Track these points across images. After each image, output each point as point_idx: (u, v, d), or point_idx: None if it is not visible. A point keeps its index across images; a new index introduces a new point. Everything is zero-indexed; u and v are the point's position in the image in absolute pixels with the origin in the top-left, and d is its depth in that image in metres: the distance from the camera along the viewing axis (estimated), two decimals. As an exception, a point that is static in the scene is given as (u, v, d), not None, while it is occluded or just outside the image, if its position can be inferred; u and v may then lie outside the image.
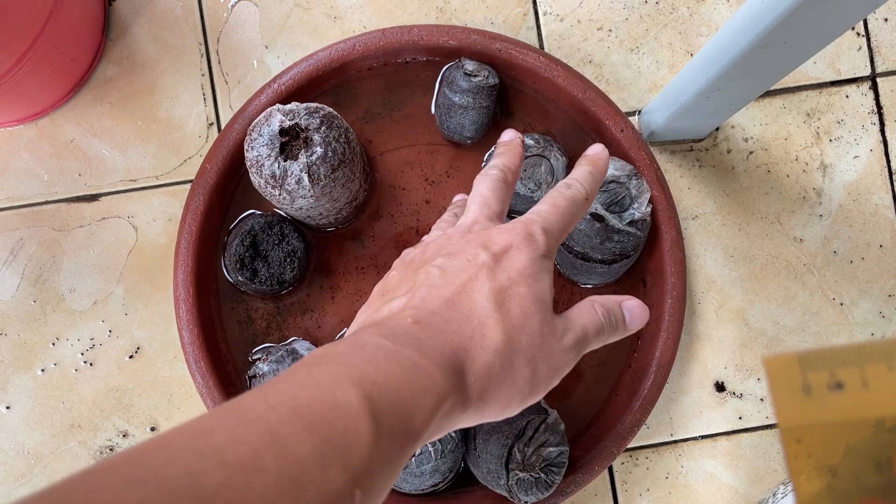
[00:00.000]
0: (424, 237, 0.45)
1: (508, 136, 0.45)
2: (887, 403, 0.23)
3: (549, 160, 0.54)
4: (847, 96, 0.61)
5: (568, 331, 0.37)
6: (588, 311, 0.39)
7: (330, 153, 0.48)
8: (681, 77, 0.52)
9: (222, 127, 0.59)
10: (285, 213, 0.55)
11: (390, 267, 0.58)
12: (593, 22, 0.60)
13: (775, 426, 0.59)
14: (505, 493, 0.52)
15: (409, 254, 0.42)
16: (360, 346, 0.31)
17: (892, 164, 0.61)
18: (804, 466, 0.23)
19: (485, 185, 0.42)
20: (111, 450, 0.58)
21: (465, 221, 0.41)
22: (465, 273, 0.36)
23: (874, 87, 0.61)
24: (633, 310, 0.40)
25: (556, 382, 0.37)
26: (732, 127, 0.60)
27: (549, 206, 0.40)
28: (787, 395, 0.23)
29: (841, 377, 0.23)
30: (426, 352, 0.32)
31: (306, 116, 0.48)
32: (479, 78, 0.54)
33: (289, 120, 0.48)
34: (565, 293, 0.57)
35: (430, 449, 0.51)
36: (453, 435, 0.52)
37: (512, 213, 0.56)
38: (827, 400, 0.23)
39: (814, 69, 0.61)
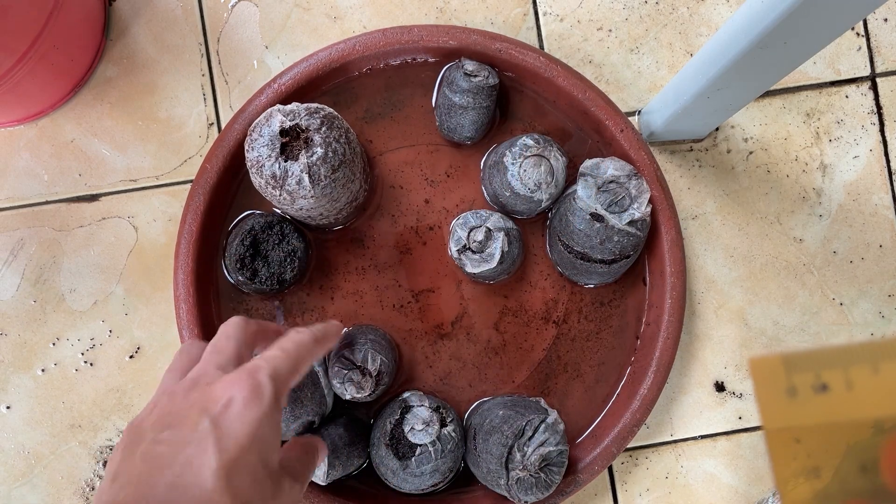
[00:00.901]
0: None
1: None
2: (872, 405, 0.23)
3: (548, 160, 0.54)
4: (847, 96, 0.61)
5: (294, 483, 0.37)
6: (302, 453, 0.40)
7: (330, 153, 0.48)
8: (681, 77, 0.52)
9: (222, 127, 0.59)
10: (286, 213, 0.55)
11: (390, 267, 0.58)
12: (593, 22, 0.60)
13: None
14: (505, 493, 0.52)
15: (138, 417, 0.37)
16: None
17: (891, 164, 0.61)
18: (789, 468, 0.23)
19: (227, 326, 0.40)
20: (111, 449, 0.58)
21: (192, 374, 0.37)
22: (189, 448, 0.33)
23: (874, 88, 0.61)
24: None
25: None
26: (732, 127, 0.60)
27: (277, 351, 0.38)
28: (772, 397, 0.23)
29: (826, 379, 0.23)
30: None
31: (307, 117, 0.48)
32: (479, 78, 0.54)
33: (289, 120, 0.48)
34: (565, 293, 0.57)
35: (431, 449, 0.51)
36: (453, 434, 0.52)
37: (512, 214, 0.56)
38: (812, 402, 0.23)
39: (813, 69, 0.61)
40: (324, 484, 0.52)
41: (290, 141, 0.48)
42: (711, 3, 0.61)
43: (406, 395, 0.54)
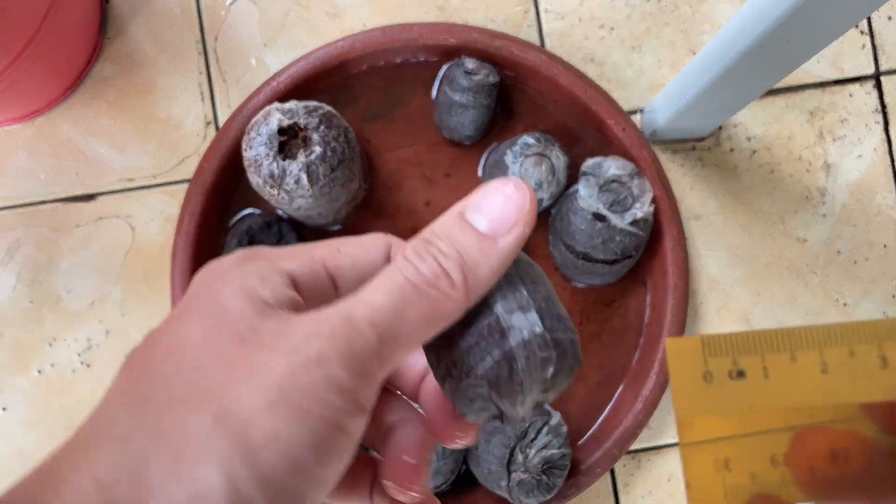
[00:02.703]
0: None
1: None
2: (787, 395, 0.22)
3: (550, 159, 0.53)
4: (850, 95, 0.60)
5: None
6: (387, 270, 0.23)
7: (329, 152, 0.48)
8: (683, 76, 0.51)
9: (220, 126, 0.59)
10: (284, 212, 0.54)
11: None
12: (595, 20, 0.60)
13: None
14: (506, 495, 0.51)
15: None
16: None
17: None
18: (697, 456, 0.23)
19: None
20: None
21: None
22: None
23: (878, 86, 0.61)
24: (487, 204, 0.24)
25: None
26: (735, 126, 0.60)
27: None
28: (686, 381, 0.23)
29: (743, 365, 0.23)
30: None
31: (305, 115, 0.48)
32: (480, 76, 0.53)
33: (287, 119, 0.47)
34: (566, 294, 0.57)
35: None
36: (453, 437, 0.52)
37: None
38: (727, 388, 0.22)
39: (817, 68, 0.60)
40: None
41: (289, 140, 0.48)
42: (714, 1, 0.60)
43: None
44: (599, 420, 0.56)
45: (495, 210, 0.24)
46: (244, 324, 0.21)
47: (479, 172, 0.57)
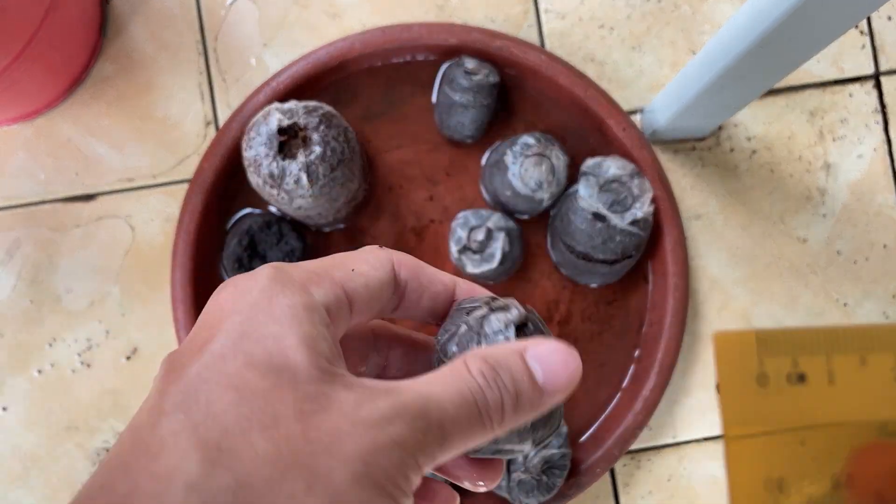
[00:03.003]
0: None
1: None
2: (856, 405, 0.19)
3: (550, 159, 0.53)
4: (851, 95, 0.60)
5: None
6: (454, 374, 0.23)
7: (329, 152, 0.48)
8: (683, 75, 0.51)
9: (220, 126, 0.59)
10: (284, 212, 0.54)
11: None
12: (595, 20, 0.60)
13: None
14: (505, 495, 0.51)
15: None
16: None
17: (896, 163, 0.60)
18: (745, 474, 0.20)
19: None
20: (107, 451, 0.58)
21: None
22: None
23: (878, 86, 0.61)
24: (546, 359, 0.24)
25: None
26: (735, 126, 0.60)
27: None
28: (738, 385, 0.20)
29: (804, 367, 0.20)
30: None
31: (305, 115, 0.48)
32: (480, 76, 0.53)
33: (287, 119, 0.47)
34: (567, 294, 0.57)
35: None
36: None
37: (513, 213, 0.55)
38: (784, 394, 0.20)
39: (817, 67, 0.60)
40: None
41: (289, 139, 0.47)
42: (714, 1, 0.60)
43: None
44: (599, 420, 0.56)
45: (554, 368, 0.24)
46: (314, 387, 0.21)
47: (480, 172, 0.57)
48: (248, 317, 0.21)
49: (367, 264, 0.26)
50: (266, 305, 0.22)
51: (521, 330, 0.25)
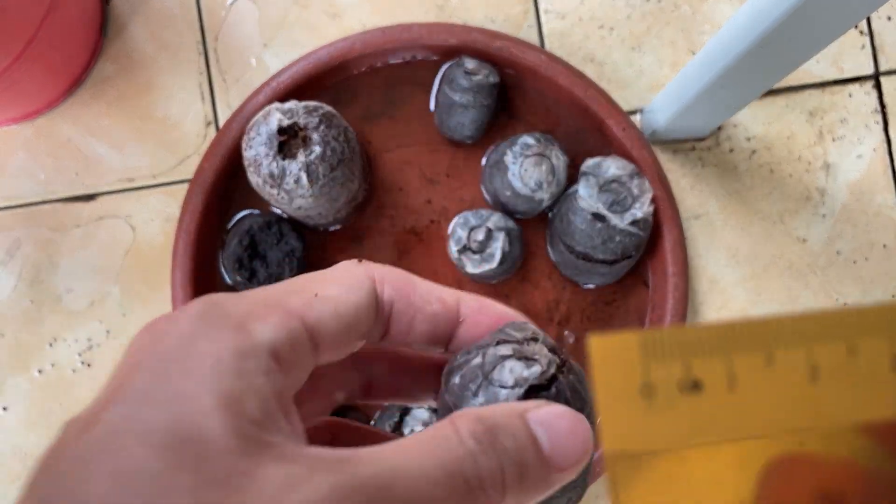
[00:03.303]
0: None
1: None
2: (762, 414, 0.15)
3: (550, 159, 0.53)
4: (850, 95, 0.60)
5: None
6: (436, 438, 0.18)
7: (329, 152, 0.48)
8: (683, 75, 0.51)
9: (220, 126, 0.59)
10: (284, 212, 0.54)
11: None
12: (595, 20, 0.60)
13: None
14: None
15: None
16: None
17: (895, 163, 0.60)
18: None
19: None
20: None
21: None
22: None
23: (878, 86, 0.61)
24: (552, 424, 0.19)
25: None
26: (735, 126, 0.60)
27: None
28: (618, 399, 0.16)
29: (699, 372, 0.15)
30: None
31: (305, 115, 0.48)
32: (480, 76, 0.53)
33: (287, 119, 0.47)
34: (566, 294, 0.57)
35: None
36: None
37: (513, 213, 0.55)
38: (676, 407, 0.15)
39: (817, 68, 0.60)
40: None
41: (289, 139, 0.48)
42: (714, 1, 0.60)
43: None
44: (599, 420, 0.56)
45: (561, 436, 0.19)
46: (228, 464, 0.15)
47: (480, 173, 0.57)
48: (156, 373, 0.17)
49: (337, 286, 0.20)
50: (182, 356, 0.17)
51: (538, 391, 0.21)
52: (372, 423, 0.55)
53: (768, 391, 0.15)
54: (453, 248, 0.54)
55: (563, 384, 0.21)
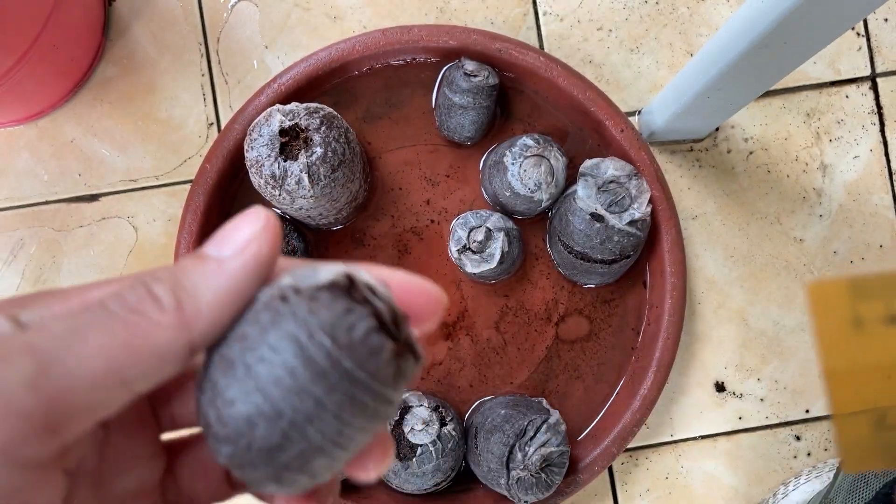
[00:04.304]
0: None
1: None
2: None
3: (548, 160, 0.54)
4: (847, 96, 0.61)
5: None
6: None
7: (330, 153, 0.48)
8: (681, 77, 0.52)
9: (222, 127, 0.59)
10: (285, 213, 0.55)
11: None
12: (593, 22, 0.60)
13: (776, 426, 0.60)
14: (505, 493, 0.52)
15: None
16: None
17: (892, 164, 0.61)
18: (850, 411, 0.20)
19: None
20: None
21: None
22: None
23: (874, 88, 0.61)
24: (220, 232, 0.20)
25: None
26: (732, 127, 0.60)
27: None
28: (833, 329, 0.19)
29: None
30: None
31: (306, 116, 0.48)
32: (479, 78, 0.54)
33: (289, 120, 0.48)
34: (565, 293, 0.57)
35: (431, 448, 0.51)
36: (453, 433, 0.52)
37: (512, 214, 0.56)
38: (881, 335, 0.19)
39: (814, 69, 0.61)
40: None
41: (290, 141, 0.48)
42: (712, 3, 0.61)
43: (405, 395, 0.54)
44: (598, 418, 0.57)
45: (226, 234, 0.20)
46: None
47: (479, 173, 0.57)
48: None
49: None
50: None
51: None
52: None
53: None
54: (453, 248, 0.54)
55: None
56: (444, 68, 0.56)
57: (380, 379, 0.19)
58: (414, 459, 0.51)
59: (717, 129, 0.60)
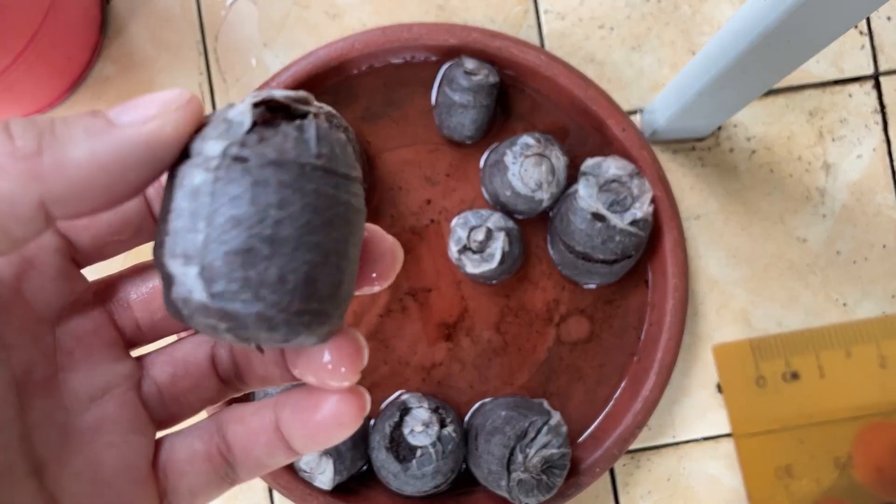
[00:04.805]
0: None
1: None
2: (845, 394, 0.21)
3: (549, 159, 0.53)
4: (850, 95, 0.60)
5: None
6: None
7: (329, 152, 0.48)
8: (683, 76, 0.51)
9: (221, 126, 0.59)
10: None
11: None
12: (595, 20, 0.60)
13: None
14: (505, 495, 0.51)
15: None
16: None
17: (895, 163, 0.61)
18: (758, 466, 0.22)
19: None
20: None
21: None
22: None
23: (877, 86, 0.61)
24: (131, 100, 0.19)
25: None
26: (735, 126, 0.60)
27: None
28: (739, 389, 0.22)
29: (796, 366, 0.22)
30: None
31: (305, 115, 0.48)
32: (480, 76, 0.53)
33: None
34: (566, 294, 0.57)
35: (431, 450, 0.51)
36: (453, 435, 0.52)
37: (513, 213, 0.56)
38: (782, 392, 0.22)
39: (816, 68, 0.60)
40: (329, 489, 0.52)
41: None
42: (714, 2, 0.60)
43: (404, 396, 0.54)
44: (599, 419, 0.56)
45: (136, 102, 0.18)
46: None
47: (480, 173, 0.57)
48: None
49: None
50: None
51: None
52: (371, 422, 0.55)
53: (849, 377, 0.22)
54: (453, 248, 0.54)
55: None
56: (444, 67, 0.56)
57: (329, 158, 0.19)
58: (413, 461, 0.51)
59: (720, 128, 0.60)
